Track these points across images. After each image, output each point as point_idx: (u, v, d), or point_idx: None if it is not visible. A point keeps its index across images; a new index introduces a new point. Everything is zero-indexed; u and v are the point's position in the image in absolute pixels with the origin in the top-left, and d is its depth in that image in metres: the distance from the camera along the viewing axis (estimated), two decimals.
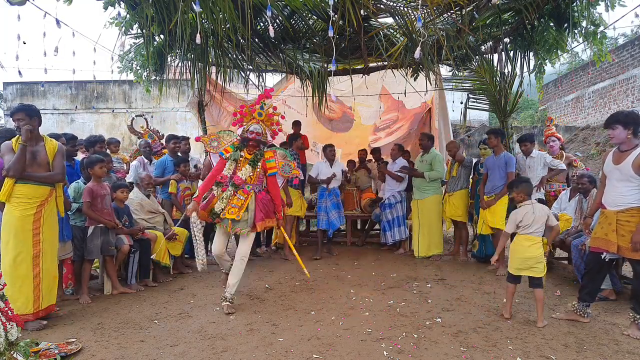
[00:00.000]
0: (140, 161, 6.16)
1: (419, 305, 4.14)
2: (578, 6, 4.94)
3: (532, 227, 3.67)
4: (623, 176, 3.38)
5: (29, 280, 3.50)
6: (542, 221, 3.68)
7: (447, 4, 4.83)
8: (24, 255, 3.49)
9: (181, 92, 10.73)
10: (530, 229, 3.67)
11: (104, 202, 4.46)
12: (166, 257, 5.09)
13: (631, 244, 3.27)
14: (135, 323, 3.69)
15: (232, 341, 3.29)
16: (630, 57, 13.63)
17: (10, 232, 3.47)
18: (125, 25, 5.04)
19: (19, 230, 3.48)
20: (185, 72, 5.89)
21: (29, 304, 3.49)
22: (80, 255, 4.43)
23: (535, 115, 22.43)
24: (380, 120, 9.15)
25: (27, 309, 3.47)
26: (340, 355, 3.04)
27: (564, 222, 5.23)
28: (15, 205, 3.48)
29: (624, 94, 14.00)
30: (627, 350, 3.11)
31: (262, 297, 4.42)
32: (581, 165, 6.06)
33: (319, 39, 6.10)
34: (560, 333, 3.43)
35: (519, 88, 6.21)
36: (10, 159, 3.45)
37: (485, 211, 5.50)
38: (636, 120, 3.38)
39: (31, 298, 3.51)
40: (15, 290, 3.40)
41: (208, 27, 5.28)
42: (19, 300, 3.42)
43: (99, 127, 13.43)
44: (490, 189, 5.49)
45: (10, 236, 3.48)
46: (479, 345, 3.19)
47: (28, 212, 3.51)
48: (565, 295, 4.42)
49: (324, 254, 6.44)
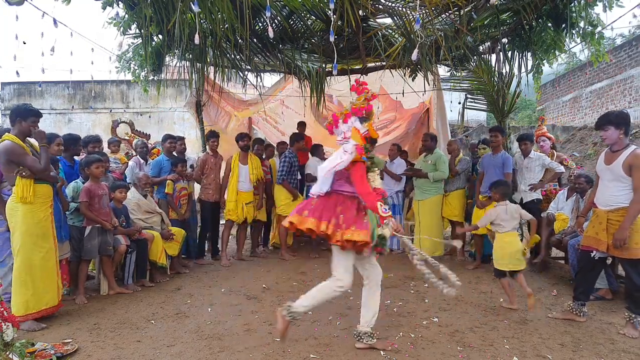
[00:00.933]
0: (136, 161, 6.15)
1: (416, 305, 4.14)
2: (576, 7, 4.95)
3: (508, 225, 4.02)
4: (614, 176, 3.40)
5: (55, 273, 3.73)
6: (516, 218, 4.05)
7: (445, 5, 4.84)
8: (52, 251, 3.70)
9: (179, 92, 10.73)
10: (507, 227, 4.01)
11: (101, 202, 4.47)
12: (163, 257, 5.09)
13: (613, 239, 3.31)
14: (131, 323, 3.68)
15: (229, 341, 3.29)
16: (627, 57, 13.66)
17: (34, 232, 3.58)
18: (124, 25, 5.03)
19: (47, 228, 3.66)
20: (184, 72, 5.89)
21: (56, 296, 3.72)
22: (77, 256, 4.42)
23: (532, 115, 22.49)
24: (377, 120, 9.15)
25: (55, 301, 3.71)
26: (337, 355, 3.05)
27: (561, 222, 5.24)
28: (39, 205, 3.62)
29: (621, 94, 14.03)
30: (622, 349, 3.12)
31: (259, 297, 4.42)
32: (572, 164, 6.07)
33: (317, 39, 6.10)
34: (557, 332, 3.44)
35: (516, 88, 6.24)
36: (31, 160, 3.55)
37: (481, 211, 5.46)
38: (626, 120, 3.41)
39: (56, 290, 3.73)
40: (46, 285, 3.63)
41: (207, 27, 5.28)
42: (50, 293, 3.66)
43: (96, 127, 13.37)
44: (487, 189, 5.44)
45: (34, 236, 3.58)
46: (476, 345, 3.19)
47: (49, 210, 3.70)
48: (561, 294, 4.43)
49: (321, 252, 6.45)
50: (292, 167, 6.29)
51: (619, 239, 3.28)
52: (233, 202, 5.99)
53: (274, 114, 8.99)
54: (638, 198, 3.27)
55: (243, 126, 8.76)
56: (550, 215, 5.33)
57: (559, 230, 5.22)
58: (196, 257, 6.09)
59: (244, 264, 5.94)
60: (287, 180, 6.25)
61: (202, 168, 6.06)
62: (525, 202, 5.55)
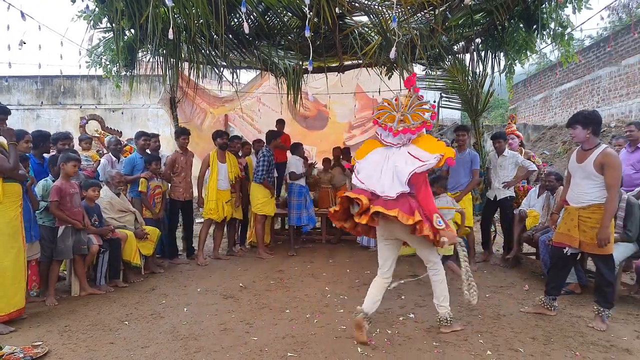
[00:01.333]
0: (108, 159, 5.99)
1: (392, 301, 4.18)
2: (547, 8, 5.07)
3: (448, 215, 4.36)
4: (585, 174, 3.49)
5: (22, 274, 3.67)
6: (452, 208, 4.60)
7: (420, 4, 4.89)
8: (20, 252, 3.64)
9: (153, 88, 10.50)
10: (447, 216, 4.24)
11: (73, 200, 4.34)
12: (137, 257, 4.98)
13: (597, 240, 3.39)
14: (104, 325, 3.60)
15: (206, 341, 3.25)
16: (595, 58, 14.11)
17: (5, 232, 3.51)
18: (94, 18, 4.90)
19: (17, 227, 3.61)
20: (157, 67, 5.76)
21: (23, 298, 3.67)
22: (48, 256, 4.28)
23: (505, 114, 22.97)
24: (355, 118, 9.20)
25: (22, 303, 3.64)
26: (314, 352, 3.05)
27: (532, 219, 5.38)
28: (9, 204, 3.56)
29: (589, 94, 14.49)
30: (591, 341, 3.23)
31: (236, 297, 4.38)
32: (538, 162, 6.21)
33: (294, 36, 6.07)
34: (528, 326, 3.53)
35: (490, 87, 6.35)
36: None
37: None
38: (595, 120, 3.48)
39: (24, 291, 3.69)
40: (16, 286, 3.57)
41: (181, 22, 5.18)
42: (18, 295, 3.60)
43: (66, 123, 13.00)
44: (454, 185, 5.47)
45: (5, 236, 3.51)
46: (451, 340, 3.24)
47: (19, 209, 3.65)
48: (533, 289, 4.55)
49: (299, 250, 6.44)
50: (271, 166, 6.26)
51: (602, 238, 3.36)
52: (214, 201, 5.91)
53: (251, 111, 8.93)
54: (612, 196, 3.36)
55: (219, 123, 8.67)
56: (522, 212, 5.45)
57: (530, 227, 5.35)
58: (170, 257, 5.98)
59: (220, 263, 5.88)
60: (266, 179, 6.21)
61: (171, 167, 5.89)
62: (499, 199, 5.68)
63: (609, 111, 13.05)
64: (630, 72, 12.48)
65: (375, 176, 3.29)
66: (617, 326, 3.55)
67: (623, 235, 4.22)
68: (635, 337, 3.33)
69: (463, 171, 5.47)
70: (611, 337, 3.31)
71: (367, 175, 3.34)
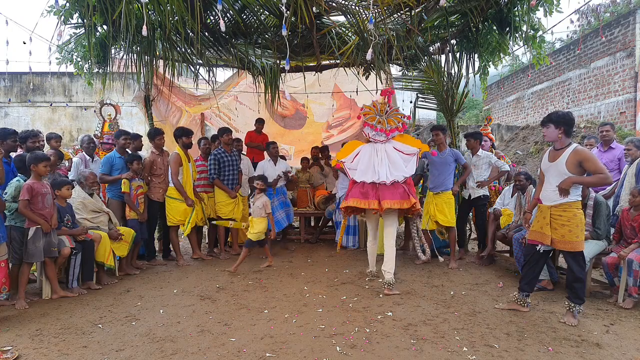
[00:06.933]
0: (82, 158, 5.83)
1: (371, 300, 4.21)
2: (519, 11, 5.19)
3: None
4: (557, 173, 3.58)
5: None
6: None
7: (397, 5, 4.93)
8: None
9: (126, 86, 10.30)
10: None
11: (44, 200, 4.18)
12: (111, 259, 4.86)
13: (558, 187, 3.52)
14: (77, 328, 3.50)
15: (182, 343, 3.20)
16: (566, 60, 14.53)
17: None
18: (65, 14, 4.75)
19: None
20: (131, 65, 5.61)
21: None
22: (18, 258, 4.13)
23: (479, 114, 23.43)
24: (332, 117, 9.22)
25: None
26: (293, 352, 3.04)
27: (506, 217, 5.50)
28: None
29: (560, 96, 14.91)
30: (563, 336, 3.32)
31: (213, 297, 4.33)
32: (508, 162, 6.34)
33: (271, 34, 6.03)
34: (503, 322, 3.61)
35: (464, 88, 6.46)
36: None
37: (435, 210, 5.55)
38: (567, 121, 3.57)
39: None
40: None
41: (155, 18, 5.09)
42: None
43: (35, 121, 12.63)
44: (439, 185, 5.51)
45: None
46: (428, 337, 3.29)
47: None
48: (507, 286, 4.65)
49: (278, 250, 6.41)
50: (222, 165, 6.09)
51: (561, 188, 3.48)
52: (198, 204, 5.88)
53: (228, 110, 8.82)
54: (597, 177, 3.43)
55: (195, 122, 8.54)
56: (496, 211, 5.56)
57: (504, 225, 5.47)
58: (148, 258, 5.85)
59: (197, 264, 5.80)
60: (219, 179, 6.08)
61: (149, 169, 5.72)
62: (473, 199, 5.78)
63: (578, 112, 13.46)
64: (598, 74, 12.91)
65: (370, 169, 4.52)
66: (588, 321, 3.66)
67: (592, 233, 4.37)
68: (605, 332, 3.44)
69: (446, 170, 5.52)
70: (582, 332, 3.41)
71: (362, 170, 4.56)
